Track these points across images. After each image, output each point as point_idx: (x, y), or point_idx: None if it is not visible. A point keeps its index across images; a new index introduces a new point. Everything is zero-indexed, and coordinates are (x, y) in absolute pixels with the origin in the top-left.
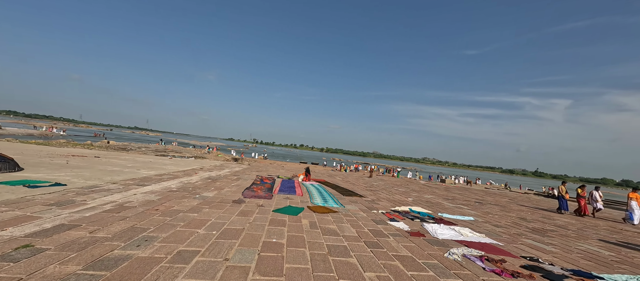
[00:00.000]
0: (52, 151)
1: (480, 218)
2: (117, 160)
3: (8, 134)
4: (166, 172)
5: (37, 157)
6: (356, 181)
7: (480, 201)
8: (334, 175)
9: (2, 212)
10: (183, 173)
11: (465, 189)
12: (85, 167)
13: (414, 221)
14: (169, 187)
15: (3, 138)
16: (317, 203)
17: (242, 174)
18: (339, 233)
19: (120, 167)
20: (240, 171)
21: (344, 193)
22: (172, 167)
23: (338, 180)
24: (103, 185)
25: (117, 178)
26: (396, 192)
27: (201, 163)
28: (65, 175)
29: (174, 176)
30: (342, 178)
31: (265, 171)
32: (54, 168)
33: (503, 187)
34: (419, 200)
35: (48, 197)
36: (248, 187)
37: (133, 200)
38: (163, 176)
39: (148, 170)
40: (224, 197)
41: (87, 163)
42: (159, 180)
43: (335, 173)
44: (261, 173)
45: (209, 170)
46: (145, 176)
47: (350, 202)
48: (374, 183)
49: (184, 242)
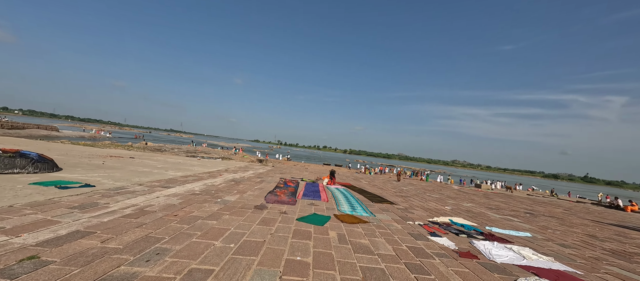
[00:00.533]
0: (94, 152)
1: (538, 233)
2: (150, 160)
3: (64, 136)
4: (192, 173)
5: (78, 158)
6: (384, 185)
7: (531, 211)
8: (359, 178)
9: (25, 215)
10: (208, 175)
11: (507, 196)
12: (118, 168)
13: (459, 238)
14: (193, 189)
15: (59, 140)
16: (345, 210)
17: (265, 176)
18: (373, 250)
19: (150, 168)
20: (264, 173)
21: (372, 199)
22: (199, 168)
23: (364, 184)
24: (130, 186)
25: (145, 180)
26: (430, 199)
27: (227, 165)
28: (97, 176)
29: (198, 178)
30: (368, 182)
31: (289, 173)
32: (89, 168)
33: (549, 194)
34: (458, 209)
35: (74, 199)
36: (271, 191)
37: (154, 204)
38: (188, 178)
39: (175, 172)
40: (245, 201)
41: (121, 164)
42: (184, 181)
43: (360, 176)
44: (285, 176)
45: (233, 171)
46: (172, 178)
47: (381, 209)
48: (403, 188)
49: (198, 257)
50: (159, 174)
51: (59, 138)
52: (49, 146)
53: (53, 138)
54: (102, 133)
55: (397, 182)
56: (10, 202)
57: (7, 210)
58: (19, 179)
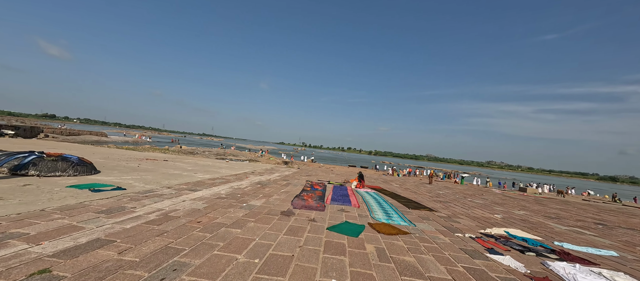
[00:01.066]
0: (132, 155)
1: (625, 252)
2: (181, 163)
3: (111, 141)
4: (219, 176)
5: (117, 161)
6: (416, 188)
7: (602, 222)
8: (388, 181)
9: (52, 220)
10: (235, 178)
11: (563, 202)
12: (151, 171)
13: (527, 256)
14: (219, 193)
15: (106, 144)
16: (379, 218)
17: (291, 179)
18: (423, 272)
19: (181, 170)
20: (289, 175)
21: (408, 204)
22: (227, 170)
23: (395, 187)
24: (158, 189)
25: (174, 183)
26: (473, 205)
27: (253, 167)
28: (130, 179)
29: (225, 180)
30: (399, 185)
31: (315, 175)
32: (125, 171)
33: (611, 200)
34: (510, 218)
35: (103, 203)
36: (298, 195)
37: (179, 209)
38: (215, 180)
39: (203, 174)
40: (271, 206)
41: (155, 167)
42: (211, 184)
43: (389, 179)
44: (311, 178)
45: (259, 173)
46: (199, 180)
47: (420, 218)
48: (439, 192)
49: (218, 277)
50: (188, 177)
51: (106, 143)
52: (94, 150)
53: (102, 143)
54: (143, 138)
55: (429, 185)
56: (44, 206)
57: (37, 215)
58: (59, 182)
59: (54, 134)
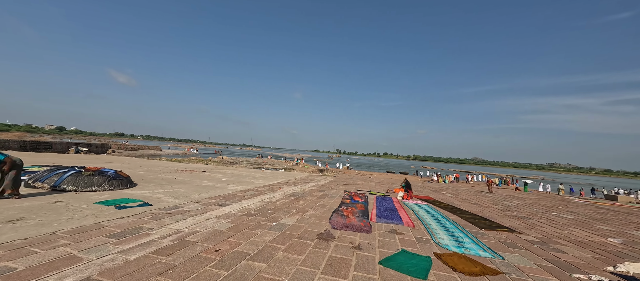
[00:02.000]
0: (175, 167)
1: None
2: (218, 174)
3: (163, 154)
4: (252, 187)
5: (158, 173)
6: (475, 198)
7: None
8: (437, 189)
9: (54, 248)
10: (267, 189)
11: None
12: (186, 183)
13: None
14: (248, 208)
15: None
16: (447, 245)
17: (328, 189)
18: None
19: (215, 182)
20: (325, 185)
21: (476, 222)
22: (260, 180)
23: (449, 197)
24: (185, 204)
25: (204, 196)
26: (564, 222)
27: (288, 176)
28: (161, 192)
29: (257, 192)
30: (453, 194)
31: (353, 184)
32: (161, 184)
33: None
34: (634, 243)
35: (121, 223)
36: (336, 209)
37: (200, 231)
38: (247, 193)
39: (236, 185)
40: (306, 226)
41: (191, 178)
42: (242, 197)
43: (436, 186)
44: (349, 188)
45: (294, 183)
46: (230, 193)
47: (502, 243)
48: (507, 204)
49: None
50: (220, 189)
51: (159, 156)
52: (144, 163)
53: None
54: (191, 151)
55: (490, 194)
56: (58, 227)
57: (43, 240)
58: (91, 197)
59: (119, 149)
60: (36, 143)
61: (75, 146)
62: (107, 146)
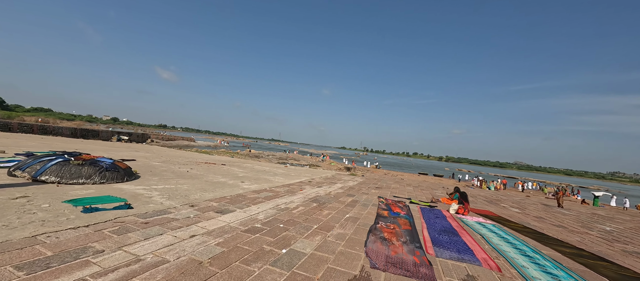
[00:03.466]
0: (196, 158)
1: None
2: (238, 168)
3: (196, 145)
4: (269, 186)
5: (172, 164)
6: (553, 216)
7: None
8: (493, 200)
9: None
10: (286, 190)
11: None
12: (197, 177)
13: None
14: (255, 218)
15: (189, 148)
16: None
17: (357, 192)
18: None
19: (229, 178)
20: (355, 187)
21: (593, 265)
22: (281, 178)
23: (515, 213)
24: (176, 209)
25: (207, 197)
26: None
27: (312, 174)
28: (160, 188)
29: (273, 194)
30: (519, 209)
31: (387, 188)
32: (167, 178)
33: None
34: None
35: (63, 239)
36: (373, 227)
37: (169, 261)
38: (261, 194)
39: (251, 183)
40: (331, 257)
41: (205, 172)
42: (252, 201)
43: (485, 194)
44: (382, 192)
45: (317, 184)
46: (241, 193)
47: None
48: (603, 227)
49: None
50: (231, 187)
51: (191, 147)
52: (166, 153)
53: (189, 147)
54: (222, 143)
55: (559, 208)
56: None
57: None
58: (70, 192)
59: (157, 139)
60: (86, 131)
61: (118, 135)
62: (147, 136)
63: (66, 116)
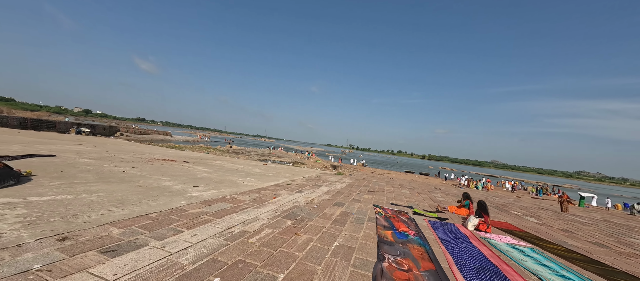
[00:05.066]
0: (155, 153)
1: None
2: (201, 166)
3: (173, 140)
4: (233, 192)
5: (112, 161)
6: (574, 227)
7: None
8: (499, 205)
9: None
10: (254, 198)
11: None
12: (130, 180)
13: None
14: (177, 260)
15: (164, 143)
16: None
17: (347, 199)
18: None
19: (178, 180)
20: (343, 191)
21: None
22: (253, 180)
23: (533, 224)
24: (19, 251)
25: (117, 215)
26: None
27: (294, 174)
28: (47, 199)
29: (234, 205)
30: (534, 218)
31: (380, 191)
32: (83, 180)
33: None
34: None
35: None
36: (379, 274)
37: None
38: (213, 205)
39: (207, 188)
40: None
41: (150, 172)
42: (194, 219)
43: (477, 194)
44: (377, 198)
45: (298, 187)
46: (182, 206)
47: None
48: (631, 239)
49: None
50: (172, 196)
51: (165, 142)
52: (125, 146)
53: (165, 142)
54: (203, 138)
55: (565, 213)
56: None
57: None
58: None
59: (127, 133)
60: (38, 121)
61: (77, 126)
62: (116, 129)
63: (30, 106)
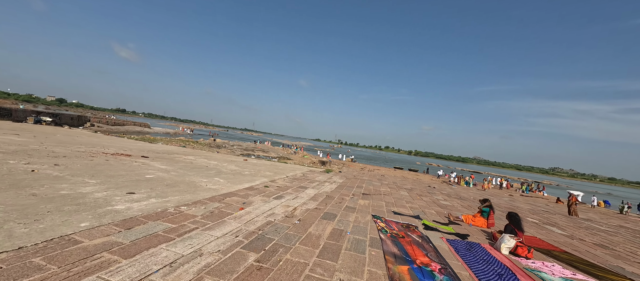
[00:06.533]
0: (109, 145)
1: None
2: (161, 163)
3: (151, 132)
4: (188, 201)
5: (34, 157)
6: (593, 236)
7: None
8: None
9: None
10: (211, 213)
11: None
12: (33, 185)
13: None
14: None
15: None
16: None
17: (339, 207)
18: None
19: (108, 185)
20: (333, 193)
21: None
22: (222, 181)
23: (559, 237)
24: None
25: None
26: None
27: (276, 172)
28: None
29: (176, 224)
30: (556, 227)
31: (376, 193)
32: None
33: None
34: None
35: None
36: None
37: None
38: (134, 230)
39: (146, 196)
40: None
41: (78, 171)
42: (80, 265)
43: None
44: (375, 204)
45: (278, 191)
46: (83, 231)
47: None
48: None
49: None
50: (70, 215)
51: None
52: (80, 139)
53: (142, 133)
54: (185, 130)
55: (574, 216)
56: None
57: None
58: None
59: (99, 124)
60: None
61: (36, 115)
62: (85, 118)
63: None
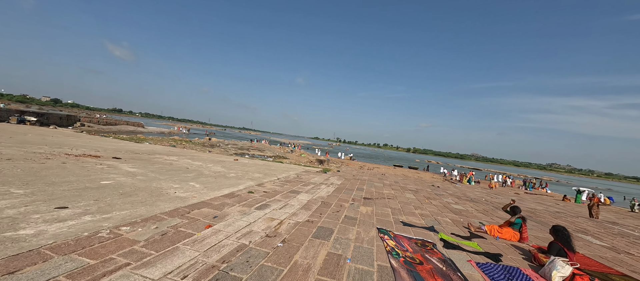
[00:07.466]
0: (83, 146)
1: None
2: (131, 166)
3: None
4: (139, 217)
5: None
6: (623, 243)
7: None
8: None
9: None
10: (160, 237)
11: None
12: None
13: None
14: None
15: (133, 135)
16: None
17: (336, 218)
18: None
19: (32, 198)
20: (329, 199)
21: None
22: (199, 186)
23: (599, 248)
24: None
25: None
26: None
27: (267, 173)
28: None
29: (93, 259)
30: (603, 243)
31: (379, 197)
32: None
33: None
34: None
35: None
36: None
37: None
38: None
39: (84, 211)
40: None
41: (14, 179)
42: None
43: (478, 193)
44: (379, 212)
45: (264, 197)
46: None
47: None
48: None
49: None
50: None
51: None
52: (60, 139)
53: (135, 133)
54: (181, 130)
55: (596, 220)
56: None
57: None
58: None
59: (90, 123)
60: None
61: (20, 114)
62: (75, 118)
63: None
